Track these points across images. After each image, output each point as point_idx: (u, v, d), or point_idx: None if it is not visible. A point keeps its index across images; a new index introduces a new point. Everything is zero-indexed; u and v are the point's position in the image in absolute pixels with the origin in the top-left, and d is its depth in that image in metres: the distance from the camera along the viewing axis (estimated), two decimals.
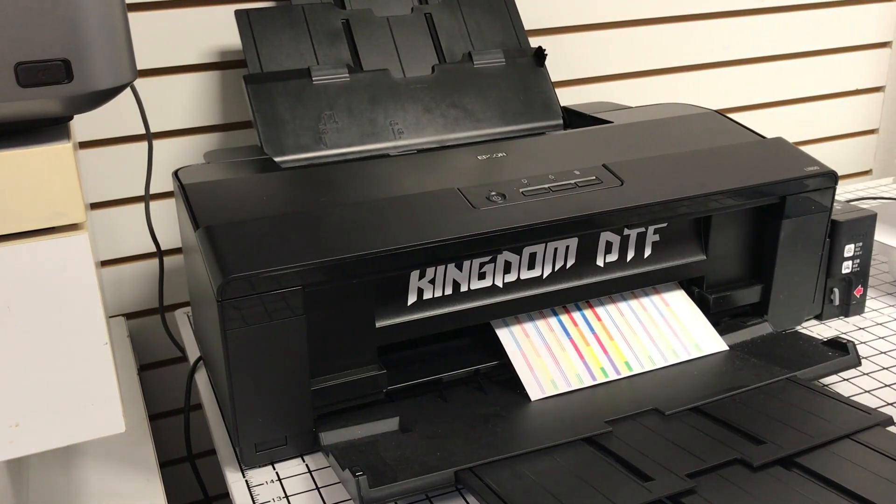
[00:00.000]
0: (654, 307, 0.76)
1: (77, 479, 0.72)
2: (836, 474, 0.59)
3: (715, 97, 1.26)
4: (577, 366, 0.69)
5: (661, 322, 0.74)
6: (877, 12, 1.34)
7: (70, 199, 0.49)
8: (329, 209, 0.67)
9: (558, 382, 0.68)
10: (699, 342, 0.73)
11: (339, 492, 0.64)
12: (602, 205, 0.71)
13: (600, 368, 0.70)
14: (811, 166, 0.79)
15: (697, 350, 0.73)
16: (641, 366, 0.71)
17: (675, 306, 0.76)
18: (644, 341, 0.72)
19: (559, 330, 0.72)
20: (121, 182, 0.97)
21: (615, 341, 0.72)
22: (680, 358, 0.73)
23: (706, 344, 0.74)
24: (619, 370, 0.70)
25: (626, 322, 0.74)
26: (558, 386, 0.68)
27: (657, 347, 0.72)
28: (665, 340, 0.73)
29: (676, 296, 0.77)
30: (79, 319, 0.51)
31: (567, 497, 0.56)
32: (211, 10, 0.95)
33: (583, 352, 0.71)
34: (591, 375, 0.69)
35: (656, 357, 0.72)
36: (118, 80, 0.50)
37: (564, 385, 0.69)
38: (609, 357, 0.71)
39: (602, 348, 0.72)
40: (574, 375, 0.69)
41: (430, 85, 0.91)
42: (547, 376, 0.68)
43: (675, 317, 0.75)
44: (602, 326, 0.73)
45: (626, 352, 0.72)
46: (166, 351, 1.04)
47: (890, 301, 0.92)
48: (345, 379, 0.68)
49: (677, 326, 0.74)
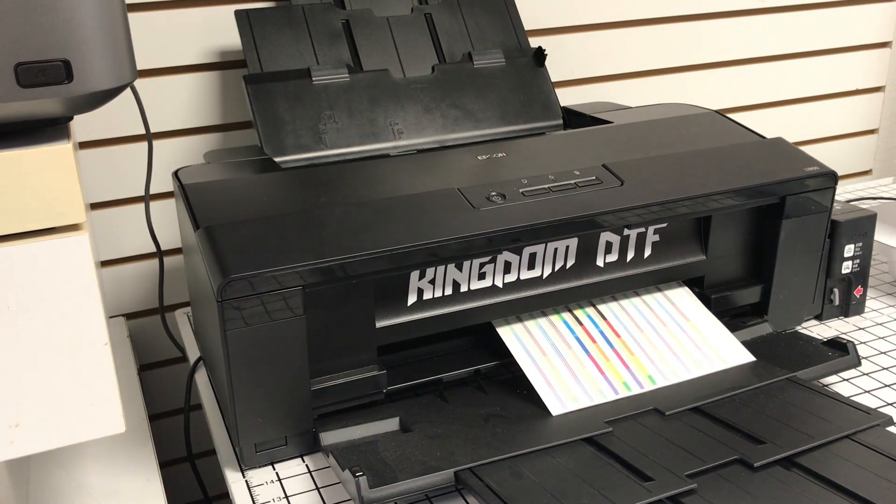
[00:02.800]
0: (673, 321, 0.74)
1: (77, 479, 0.72)
2: (836, 474, 0.59)
3: (715, 97, 1.26)
4: (599, 381, 0.68)
5: (682, 335, 0.73)
6: (877, 12, 1.34)
7: (70, 199, 0.49)
8: (329, 209, 0.67)
9: (580, 397, 0.67)
10: (724, 354, 0.72)
11: (339, 492, 0.64)
12: (602, 205, 0.71)
13: (623, 383, 0.69)
14: (811, 166, 0.79)
15: (723, 362, 0.71)
16: (666, 379, 0.70)
17: (694, 319, 0.75)
18: (666, 355, 0.71)
19: (577, 347, 0.71)
20: (121, 182, 0.97)
21: (636, 356, 0.71)
22: (705, 370, 0.71)
23: (731, 355, 0.73)
24: (643, 384, 0.69)
25: (646, 337, 0.73)
26: (580, 401, 0.67)
27: (680, 360, 0.71)
28: (687, 353, 0.71)
29: (695, 308, 0.76)
30: (79, 319, 0.51)
31: (567, 497, 0.56)
32: (211, 10, 0.95)
33: (603, 367, 0.70)
34: (613, 390, 0.68)
35: (680, 370, 0.70)
36: (118, 80, 0.50)
37: (587, 400, 0.67)
38: (631, 371, 0.70)
39: (623, 363, 0.71)
40: (596, 391, 0.67)
41: (430, 85, 0.91)
42: (568, 392, 0.67)
43: (695, 329, 0.74)
44: (622, 342, 0.72)
45: (649, 366, 0.71)
46: (166, 351, 1.04)
47: (890, 301, 0.92)
48: (345, 379, 0.68)
49: (699, 339, 0.72)
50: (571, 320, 0.74)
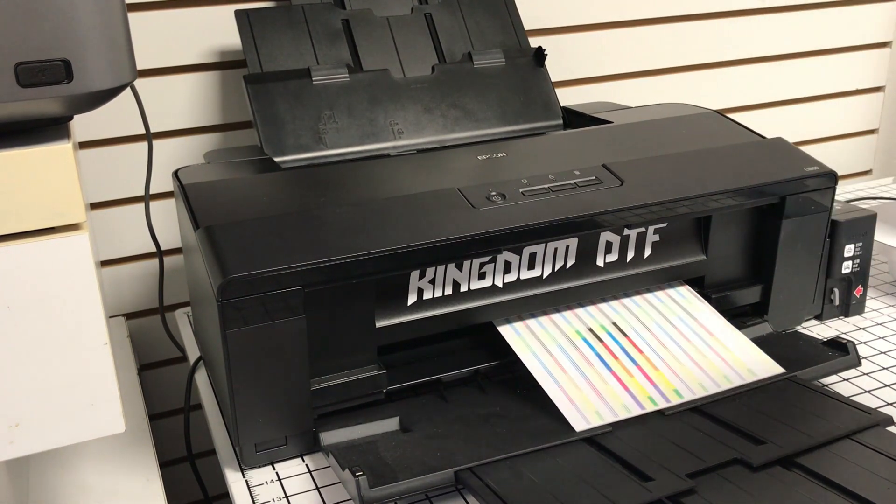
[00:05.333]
0: (697, 336, 0.73)
1: (77, 479, 0.72)
2: (836, 474, 0.59)
3: (715, 97, 1.26)
4: (623, 396, 0.67)
5: (707, 350, 0.72)
6: (877, 12, 1.34)
7: (70, 199, 0.49)
8: (329, 209, 0.67)
9: (603, 413, 0.66)
10: (753, 367, 0.71)
11: (339, 492, 0.64)
12: (602, 205, 0.71)
13: (648, 398, 0.67)
14: (811, 166, 0.79)
15: (751, 374, 0.70)
16: (693, 393, 0.68)
17: (718, 333, 0.74)
18: (692, 369, 0.70)
19: (598, 363, 0.70)
20: (121, 182, 0.97)
21: (660, 371, 0.70)
22: (733, 383, 0.69)
23: (760, 368, 0.71)
24: (669, 398, 0.68)
25: (670, 352, 0.72)
26: (604, 417, 0.65)
27: (707, 374, 0.69)
28: (714, 367, 0.70)
29: (718, 323, 0.75)
30: (79, 319, 0.51)
31: (567, 497, 0.56)
32: (211, 10, 0.95)
33: (626, 383, 0.68)
34: (638, 405, 0.67)
35: (708, 384, 0.69)
36: (118, 80, 0.50)
37: (611, 415, 0.66)
38: (656, 386, 0.68)
39: (647, 378, 0.69)
40: (620, 406, 0.66)
41: (429, 85, 0.91)
42: (590, 408, 0.66)
43: (720, 344, 0.73)
44: (645, 358, 0.71)
45: (674, 380, 0.69)
46: (166, 351, 1.04)
47: (890, 301, 0.92)
48: (345, 379, 0.68)
49: (725, 353, 0.71)
50: (591, 337, 0.73)
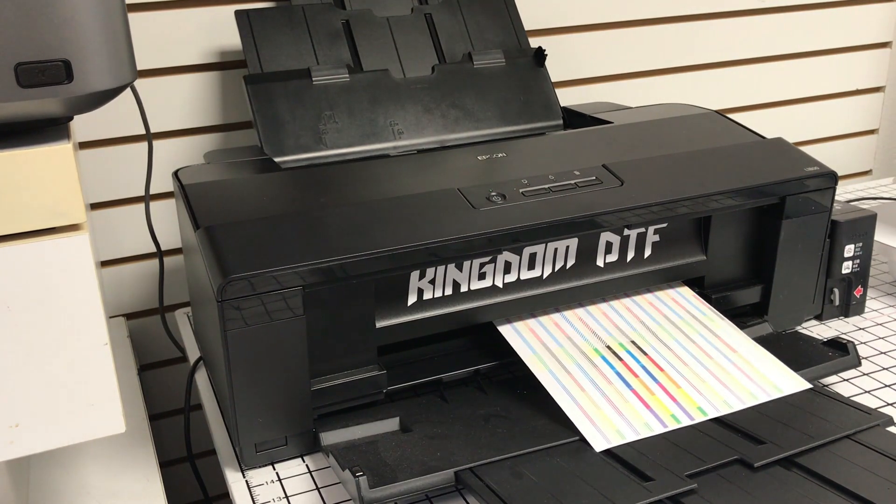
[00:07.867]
0: (719, 352, 0.73)
1: (77, 479, 0.72)
2: (836, 474, 0.59)
3: (715, 97, 1.26)
4: (645, 415, 0.66)
5: (731, 367, 0.71)
6: (877, 12, 1.34)
7: (70, 199, 0.49)
8: (329, 209, 0.67)
9: (625, 432, 0.64)
10: (778, 384, 0.70)
11: (339, 492, 0.64)
12: (602, 205, 0.71)
13: (671, 416, 0.66)
14: (811, 166, 0.79)
15: (777, 391, 0.69)
16: (717, 410, 0.67)
17: (741, 350, 0.73)
18: (715, 386, 0.69)
19: (618, 382, 0.69)
20: (121, 182, 0.97)
21: (683, 389, 0.69)
22: (759, 399, 0.68)
23: (786, 384, 0.70)
24: (693, 416, 0.66)
25: (692, 370, 0.71)
26: (626, 436, 0.64)
27: (731, 391, 0.68)
28: (738, 384, 0.69)
29: (740, 339, 0.75)
30: (79, 319, 0.51)
31: (567, 497, 0.56)
32: (211, 10, 0.95)
33: (648, 401, 0.67)
34: (661, 423, 0.65)
35: (732, 401, 0.68)
36: (118, 80, 0.50)
37: (632, 434, 0.64)
38: (679, 404, 0.67)
39: (669, 396, 0.68)
40: (642, 424, 0.65)
41: (430, 85, 0.91)
42: (611, 427, 0.64)
43: (744, 360, 0.72)
44: (666, 376, 0.70)
45: (698, 397, 0.68)
46: (166, 351, 1.04)
47: (890, 301, 0.92)
48: (345, 379, 0.68)
49: (749, 370, 0.71)
50: (610, 355, 0.72)
